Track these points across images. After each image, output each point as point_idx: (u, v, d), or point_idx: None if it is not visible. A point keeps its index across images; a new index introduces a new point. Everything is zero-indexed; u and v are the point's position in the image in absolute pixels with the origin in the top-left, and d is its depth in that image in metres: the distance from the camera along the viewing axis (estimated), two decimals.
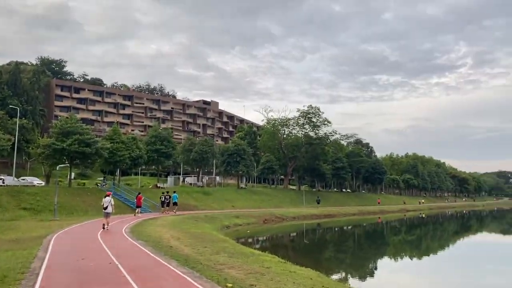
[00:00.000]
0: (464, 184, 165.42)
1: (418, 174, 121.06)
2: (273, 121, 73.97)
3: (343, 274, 17.91)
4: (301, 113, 72.83)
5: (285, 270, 10.50)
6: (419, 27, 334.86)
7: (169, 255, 12.87)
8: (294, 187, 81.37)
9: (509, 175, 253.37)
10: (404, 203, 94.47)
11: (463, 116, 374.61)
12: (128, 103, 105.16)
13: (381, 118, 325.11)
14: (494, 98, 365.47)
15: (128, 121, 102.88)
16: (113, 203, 21.02)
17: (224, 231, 30.21)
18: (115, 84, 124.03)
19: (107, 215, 20.71)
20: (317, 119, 72.00)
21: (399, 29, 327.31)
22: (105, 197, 21.13)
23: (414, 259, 24.81)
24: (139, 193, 34.19)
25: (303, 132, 74.27)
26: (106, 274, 9.89)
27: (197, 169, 65.01)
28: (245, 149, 61.34)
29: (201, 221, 31.94)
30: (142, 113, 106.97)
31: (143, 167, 60.47)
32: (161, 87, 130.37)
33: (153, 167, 65.32)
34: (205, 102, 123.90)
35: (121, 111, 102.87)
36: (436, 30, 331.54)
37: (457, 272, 19.32)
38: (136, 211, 32.30)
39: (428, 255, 26.53)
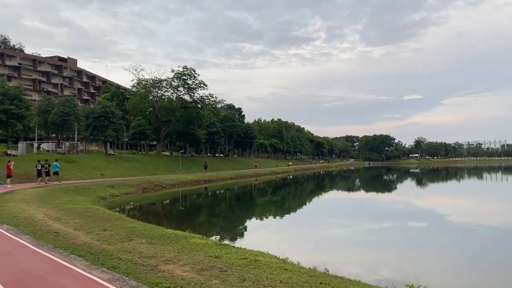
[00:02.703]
0: (320, 148, 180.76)
1: (283, 139, 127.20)
2: (144, 82, 67.75)
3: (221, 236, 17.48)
4: (175, 74, 67.90)
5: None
6: None
7: (62, 248, 8.96)
8: (167, 153, 77.47)
9: (354, 139, 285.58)
10: (277, 165, 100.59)
11: (316, 86, 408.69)
12: None
13: (245, 85, 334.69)
14: (341, 70, 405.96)
15: None
16: None
17: (102, 203, 26.06)
18: None
19: None
20: (193, 82, 67.96)
21: None
22: None
23: (277, 217, 26.75)
24: (9, 161, 29.97)
25: (177, 95, 69.68)
26: None
27: (55, 134, 56.32)
28: (113, 111, 54.95)
29: (72, 193, 27.15)
30: None
31: None
32: (5, 39, 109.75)
33: (0, 131, 54.66)
34: (61, 59, 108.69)
35: None
36: (295, 2, 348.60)
37: (309, 226, 22.14)
38: (8, 181, 28.77)
39: (289, 213, 29.35)
